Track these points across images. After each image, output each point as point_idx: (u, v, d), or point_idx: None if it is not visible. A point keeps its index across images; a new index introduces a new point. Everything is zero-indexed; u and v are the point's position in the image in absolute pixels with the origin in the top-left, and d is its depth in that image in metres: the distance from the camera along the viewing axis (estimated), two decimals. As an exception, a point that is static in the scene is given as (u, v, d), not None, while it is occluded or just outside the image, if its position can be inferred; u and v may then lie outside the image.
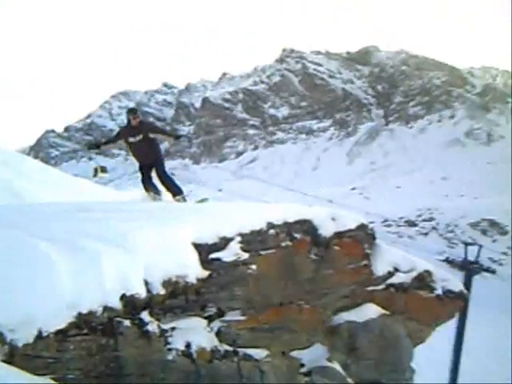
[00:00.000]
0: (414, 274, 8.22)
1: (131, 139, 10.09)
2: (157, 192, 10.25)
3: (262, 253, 7.35)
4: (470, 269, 15.25)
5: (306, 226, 7.90)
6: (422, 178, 63.74)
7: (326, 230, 7.96)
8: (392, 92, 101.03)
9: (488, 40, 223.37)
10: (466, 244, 17.38)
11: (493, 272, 16.41)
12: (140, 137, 9.94)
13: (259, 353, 6.68)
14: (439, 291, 8.30)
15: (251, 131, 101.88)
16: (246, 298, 6.94)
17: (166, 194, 10.46)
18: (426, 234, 48.23)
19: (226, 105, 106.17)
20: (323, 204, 10.15)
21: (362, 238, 8.28)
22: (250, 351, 6.61)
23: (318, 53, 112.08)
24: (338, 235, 8.03)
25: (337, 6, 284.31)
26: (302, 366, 6.98)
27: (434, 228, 49.09)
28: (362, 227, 8.39)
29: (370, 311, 7.62)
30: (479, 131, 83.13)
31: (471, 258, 16.35)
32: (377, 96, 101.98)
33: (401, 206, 51.58)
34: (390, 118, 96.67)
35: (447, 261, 16.09)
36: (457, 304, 8.57)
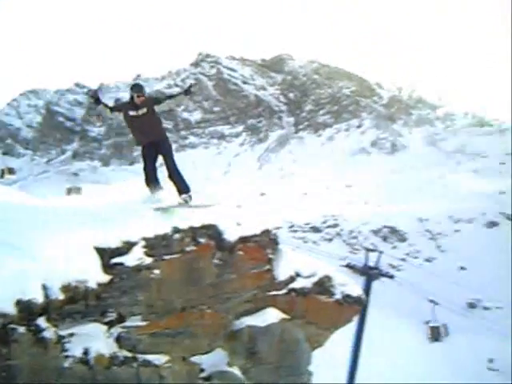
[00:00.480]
0: (315, 279, 8.42)
1: (132, 113, 9.13)
2: (159, 188, 9.52)
3: (166, 257, 7.33)
4: (369, 274, 15.82)
5: (211, 231, 7.94)
6: (329, 185, 65.44)
7: (231, 234, 8.03)
8: (303, 100, 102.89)
9: (397, 53, 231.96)
10: (368, 250, 18.05)
11: (391, 277, 17.13)
12: (144, 110, 9.07)
13: (159, 358, 6.65)
14: (338, 296, 8.53)
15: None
16: (148, 303, 6.90)
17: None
18: (330, 239, 49.58)
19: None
20: (231, 209, 10.19)
21: (265, 243, 8.39)
22: (150, 357, 6.57)
23: (233, 58, 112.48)
24: (243, 240, 8.10)
25: (252, 13, 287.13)
26: (202, 370, 7.00)
27: (338, 234, 50.59)
28: (265, 232, 8.50)
29: (271, 316, 7.74)
30: (384, 141, 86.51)
31: (372, 263, 16.99)
32: (288, 104, 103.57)
33: (307, 212, 52.80)
34: (300, 126, 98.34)
35: (349, 266, 16.65)
36: (355, 308, 8.85)
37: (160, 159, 9.33)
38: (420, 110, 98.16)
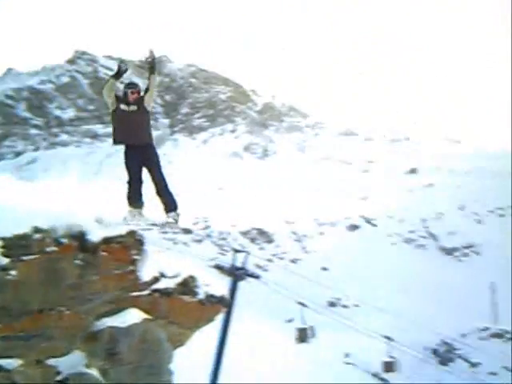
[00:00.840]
0: (179, 279, 8.50)
1: (123, 106, 8.57)
2: (141, 204, 8.77)
3: (25, 258, 7.08)
4: (236, 274, 16.12)
5: (74, 231, 7.76)
6: (202, 187, 65.87)
7: (95, 235, 7.88)
8: (180, 103, 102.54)
9: (272, 60, 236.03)
10: (235, 251, 18.35)
11: (257, 277, 17.58)
12: (134, 107, 8.55)
13: (11, 362, 6.41)
14: (201, 296, 8.67)
15: (33, 131, 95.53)
16: (3, 305, 6.63)
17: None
18: (200, 240, 49.85)
19: (8, 102, 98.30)
20: (97, 209, 9.98)
21: (130, 244, 8.33)
22: (1, 361, 6.31)
23: (111, 58, 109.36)
24: (107, 241, 8.00)
25: (131, 13, 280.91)
26: (58, 373, 6.84)
27: (208, 235, 51.11)
28: (131, 233, 8.46)
29: (133, 316, 7.72)
30: (256, 146, 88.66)
31: (239, 264, 17.31)
32: (164, 105, 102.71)
33: (179, 213, 52.67)
34: (175, 128, 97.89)
35: (217, 267, 16.88)
36: (217, 308, 9.06)
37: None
38: (292, 117, 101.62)
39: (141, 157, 8.75)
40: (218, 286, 9.47)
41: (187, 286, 8.57)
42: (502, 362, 30.52)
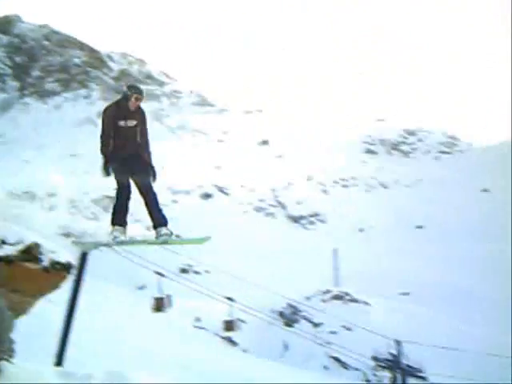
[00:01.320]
0: (21, 246, 8.38)
1: (121, 122, 7.50)
2: (125, 224, 8.03)
3: None
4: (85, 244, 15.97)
5: None
6: (52, 153, 63.20)
7: None
8: (31, 65, 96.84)
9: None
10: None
11: (109, 246, 17.46)
12: (133, 123, 7.55)
13: None
14: (46, 263, 8.62)
15: None
16: None
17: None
18: (50, 208, 48.16)
19: None
20: None
21: (-31, 212, 8.10)
22: None
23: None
24: None
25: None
26: None
27: (57, 203, 49.50)
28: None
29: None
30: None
31: (89, 233, 17.18)
32: (14, 67, 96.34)
33: (27, 180, 50.40)
34: (25, 92, 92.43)
35: (66, 234, 16.62)
36: (63, 275, 9.05)
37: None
38: (148, 85, 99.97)
39: (128, 164, 8.19)
40: (65, 253, 9.42)
41: (30, 253, 8.47)
42: (342, 321, 33.15)
